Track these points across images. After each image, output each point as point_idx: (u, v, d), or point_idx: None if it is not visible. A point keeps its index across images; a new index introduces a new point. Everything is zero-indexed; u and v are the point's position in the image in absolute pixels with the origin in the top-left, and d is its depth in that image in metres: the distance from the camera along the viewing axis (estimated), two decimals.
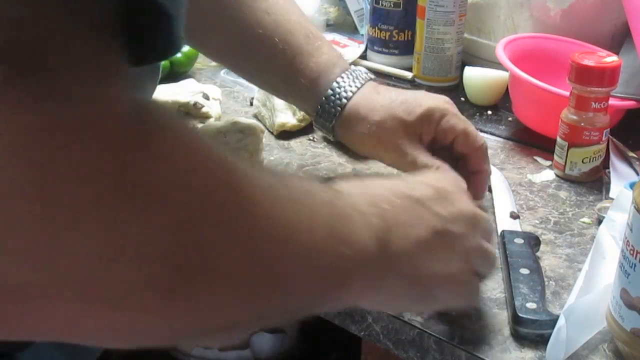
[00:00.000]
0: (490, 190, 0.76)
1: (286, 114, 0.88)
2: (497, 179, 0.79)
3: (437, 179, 0.55)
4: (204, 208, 0.34)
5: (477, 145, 0.67)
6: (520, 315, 0.57)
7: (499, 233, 0.68)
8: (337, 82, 0.70)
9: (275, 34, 0.71)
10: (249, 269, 0.37)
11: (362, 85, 0.70)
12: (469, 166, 0.67)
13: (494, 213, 0.74)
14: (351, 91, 0.69)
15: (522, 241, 0.66)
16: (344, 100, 0.69)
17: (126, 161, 0.31)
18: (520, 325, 0.57)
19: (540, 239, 0.68)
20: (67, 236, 0.29)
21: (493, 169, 0.75)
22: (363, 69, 0.72)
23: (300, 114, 0.89)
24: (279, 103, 0.89)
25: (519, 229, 0.70)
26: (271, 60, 0.72)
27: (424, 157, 0.66)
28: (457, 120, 0.67)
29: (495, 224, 0.71)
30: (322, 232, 0.41)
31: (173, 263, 0.33)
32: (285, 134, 0.88)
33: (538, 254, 0.67)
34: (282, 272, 0.39)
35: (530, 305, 0.57)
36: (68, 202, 0.29)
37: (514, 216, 0.73)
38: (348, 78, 0.70)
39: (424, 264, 0.49)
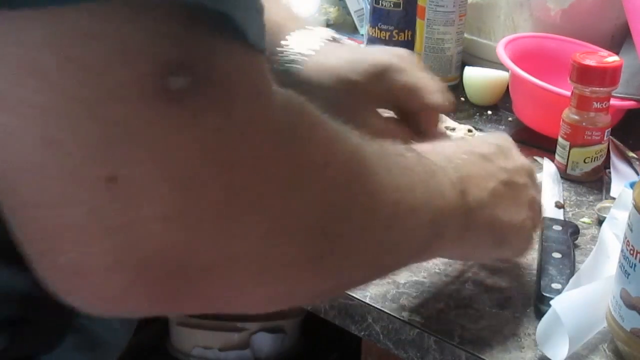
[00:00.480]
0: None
1: None
2: (548, 169, 0.81)
3: (497, 137, 0.59)
4: (342, 186, 0.38)
5: (425, 102, 0.66)
6: (544, 294, 0.59)
7: (540, 219, 0.69)
8: (284, 43, 0.69)
9: None
10: (375, 232, 0.41)
11: (315, 46, 0.69)
12: (418, 126, 0.68)
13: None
14: (295, 57, 0.68)
15: (560, 228, 0.68)
16: (289, 65, 0.68)
17: (284, 152, 0.35)
18: (542, 303, 0.58)
19: None
20: (246, 220, 0.33)
21: (547, 161, 0.80)
22: (326, 31, 0.71)
23: None
24: None
25: (561, 217, 0.72)
26: None
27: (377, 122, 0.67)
28: (410, 74, 0.66)
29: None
30: (420, 189, 0.45)
31: (322, 234, 0.37)
32: None
33: None
34: (398, 229, 0.43)
35: (556, 285, 0.60)
36: (246, 191, 0.33)
37: (559, 206, 0.74)
38: (295, 40, 0.69)
39: (498, 212, 0.53)
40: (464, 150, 0.54)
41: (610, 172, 0.79)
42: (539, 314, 0.58)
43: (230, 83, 0.32)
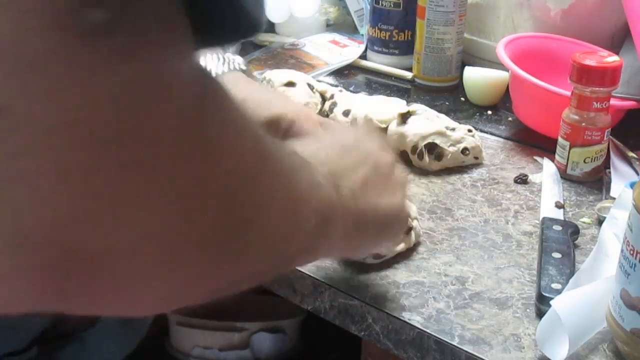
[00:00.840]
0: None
1: None
2: (549, 170, 0.81)
3: (347, 129, 0.60)
4: (247, 171, 0.36)
5: None
6: (544, 294, 0.59)
7: (541, 220, 0.70)
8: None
9: None
10: (274, 220, 0.39)
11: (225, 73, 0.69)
12: None
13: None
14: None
15: (560, 228, 0.68)
16: None
17: (193, 124, 0.31)
18: (542, 303, 0.59)
19: None
20: (144, 193, 0.29)
21: (546, 161, 0.81)
22: (238, 60, 0.71)
23: None
24: None
25: (561, 217, 0.72)
26: None
27: None
28: (309, 126, 0.64)
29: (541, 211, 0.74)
30: (307, 183, 0.44)
31: (225, 218, 0.34)
32: None
33: None
34: (292, 219, 0.41)
35: (555, 285, 0.60)
36: (143, 160, 0.29)
37: (559, 206, 0.74)
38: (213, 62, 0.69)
39: (373, 198, 0.52)
40: (326, 144, 0.54)
41: (610, 172, 0.79)
42: (539, 314, 0.58)
43: (153, 29, 0.29)
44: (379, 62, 1.10)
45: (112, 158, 0.28)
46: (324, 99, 0.91)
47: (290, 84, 0.90)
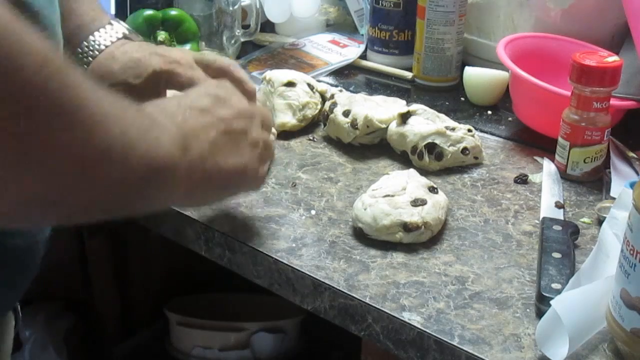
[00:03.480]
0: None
1: (286, 114, 0.88)
2: (549, 170, 0.81)
3: (215, 87, 0.64)
4: (56, 104, 0.42)
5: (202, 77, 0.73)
6: (544, 294, 0.59)
7: (541, 220, 0.70)
8: (83, 45, 0.75)
9: None
10: (72, 158, 0.44)
11: (111, 44, 0.75)
12: None
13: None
14: (97, 49, 0.74)
15: (560, 228, 0.68)
16: (89, 59, 0.74)
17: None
18: (543, 303, 0.59)
19: None
20: None
21: (546, 161, 0.82)
22: (122, 27, 0.77)
23: (300, 114, 0.89)
24: (278, 103, 0.89)
25: (561, 217, 0.72)
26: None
27: None
28: (184, 76, 0.73)
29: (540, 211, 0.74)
30: (135, 133, 0.49)
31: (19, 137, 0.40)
32: (285, 134, 0.88)
33: None
34: (103, 166, 0.46)
35: (555, 285, 0.60)
36: None
37: (559, 206, 0.74)
38: (100, 35, 0.75)
39: (220, 160, 0.59)
40: (185, 106, 0.58)
41: (610, 172, 0.79)
42: (539, 314, 0.58)
43: None
44: (379, 62, 1.10)
45: None
46: (324, 99, 0.91)
47: (290, 84, 0.90)
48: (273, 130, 0.68)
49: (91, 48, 0.75)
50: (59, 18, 0.63)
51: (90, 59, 0.74)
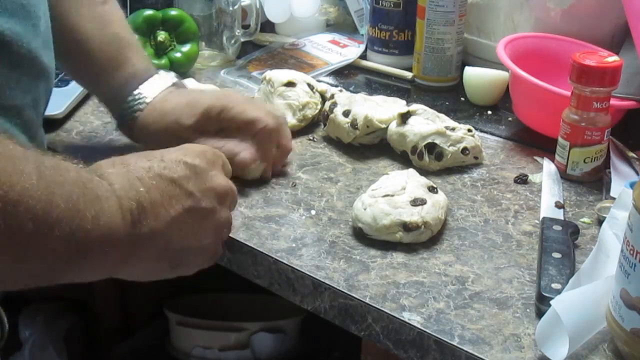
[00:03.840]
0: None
1: (286, 114, 0.88)
2: (549, 170, 0.81)
3: (193, 155, 0.61)
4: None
5: (257, 128, 0.75)
6: (544, 294, 0.59)
7: (541, 220, 0.70)
8: (136, 92, 0.77)
9: (92, 42, 0.78)
10: (22, 227, 0.45)
11: (160, 92, 0.77)
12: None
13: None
14: (145, 102, 0.77)
15: (560, 228, 0.68)
16: (137, 111, 0.77)
17: None
18: (543, 303, 0.59)
19: None
20: None
21: (546, 161, 0.82)
22: (170, 76, 0.80)
23: (300, 114, 0.89)
24: (278, 103, 0.89)
25: (561, 217, 0.71)
26: (85, 66, 0.79)
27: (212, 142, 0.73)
28: (237, 110, 0.75)
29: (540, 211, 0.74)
30: (64, 206, 0.48)
31: None
32: None
33: None
34: (24, 238, 0.46)
35: (555, 285, 0.60)
36: None
37: (559, 206, 0.74)
38: (147, 88, 0.78)
39: (175, 240, 0.56)
40: (153, 174, 0.56)
41: (610, 172, 0.79)
42: (539, 314, 0.58)
43: None
44: (379, 62, 1.10)
45: None
46: (324, 99, 0.91)
47: (290, 84, 0.90)
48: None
49: (144, 95, 0.77)
50: (47, 44, 0.64)
51: (144, 104, 0.77)
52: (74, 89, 0.94)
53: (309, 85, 0.91)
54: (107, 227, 0.51)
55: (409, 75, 1.06)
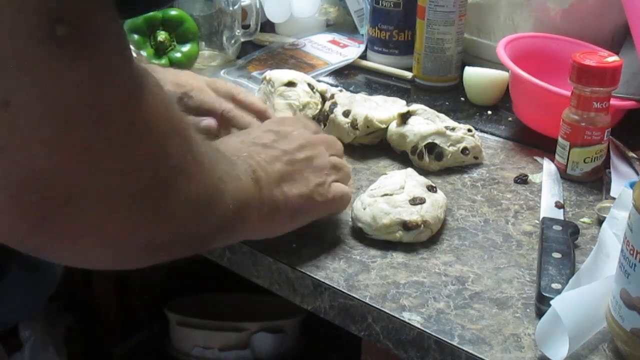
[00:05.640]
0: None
1: (286, 114, 0.88)
2: (549, 170, 0.81)
3: (275, 124, 0.69)
4: (176, 143, 0.46)
5: (221, 108, 0.79)
6: (544, 294, 0.59)
7: (541, 220, 0.70)
8: None
9: None
10: (197, 195, 0.48)
11: None
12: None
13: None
14: None
15: (560, 228, 0.68)
16: None
17: (136, 103, 0.42)
18: (543, 303, 0.59)
19: None
20: (105, 154, 0.41)
21: (546, 161, 0.82)
22: None
23: (301, 114, 0.89)
24: (279, 103, 0.89)
25: (561, 217, 0.71)
26: None
27: None
28: (195, 99, 0.78)
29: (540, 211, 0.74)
30: (224, 171, 0.53)
31: (158, 182, 0.45)
32: None
33: None
34: (213, 202, 0.51)
35: (555, 285, 0.60)
36: (109, 128, 0.41)
37: (559, 206, 0.74)
38: None
39: (285, 189, 0.62)
40: (247, 142, 0.63)
41: (610, 172, 0.79)
42: (539, 314, 0.58)
43: (102, 36, 0.40)
44: (379, 62, 1.10)
45: (76, 131, 0.39)
46: (324, 99, 0.91)
47: (291, 84, 0.90)
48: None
49: None
50: None
51: None
52: None
53: (309, 85, 0.91)
54: (247, 187, 0.56)
55: (409, 75, 1.06)
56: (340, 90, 0.93)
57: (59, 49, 0.37)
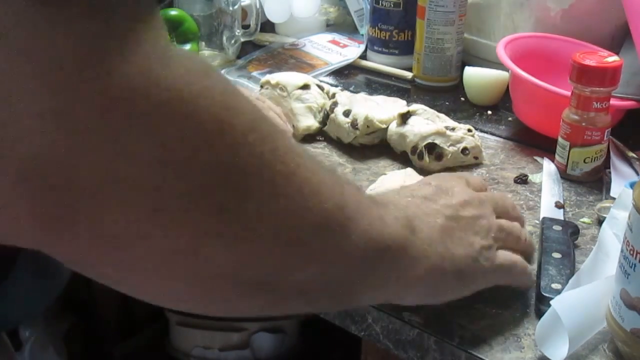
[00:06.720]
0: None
1: (308, 117, 0.88)
2: (549, 170, 0.81)
3: (434, 179, 0.60)
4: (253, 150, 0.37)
5: None
6: (544, 294, 0.59)
7: (541, 220, 0.70)
8: None
9: None
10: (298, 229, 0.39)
11: None
12: None
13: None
14: None
15: (560, 228, 0.68)
16: None
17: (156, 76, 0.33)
18: (543, 304, 0.58)
19: None
20: (130, 136, 0.32)
21: (546, 161, 0.82)
22: None
23: (320, 116, 0.88)
24: (298, 107, 0.88)
25: (561, 217, 0.71)
26: None
27: None
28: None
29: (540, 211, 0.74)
30: (354, 207, 0.44)
31: (224, 182, 0.35)
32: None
33: None
34: (319, 238, 0.41)
35: (555, 285, 0.60)
36: (126, 102, 0.32)
37: (559, 206, 0.74)
38: None
39: (449, 247, 0.53)
40: (405, 194, 0.55)
41: (610, 172, 0.79)
42: (539, 314, 0.58)
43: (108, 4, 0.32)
44: (379, 62, 1.10)
45: (77, 109, 0.31)
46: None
47: (306, 87, 0.89)
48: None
49: None
50: None
51: None
52: None
53: (318, 86, 0.91)
54: (394, 231, 0.48)
55: (409, 75, 1.06)
56: (341, 90, 0.93)
57: (48, 9, 0.31)
